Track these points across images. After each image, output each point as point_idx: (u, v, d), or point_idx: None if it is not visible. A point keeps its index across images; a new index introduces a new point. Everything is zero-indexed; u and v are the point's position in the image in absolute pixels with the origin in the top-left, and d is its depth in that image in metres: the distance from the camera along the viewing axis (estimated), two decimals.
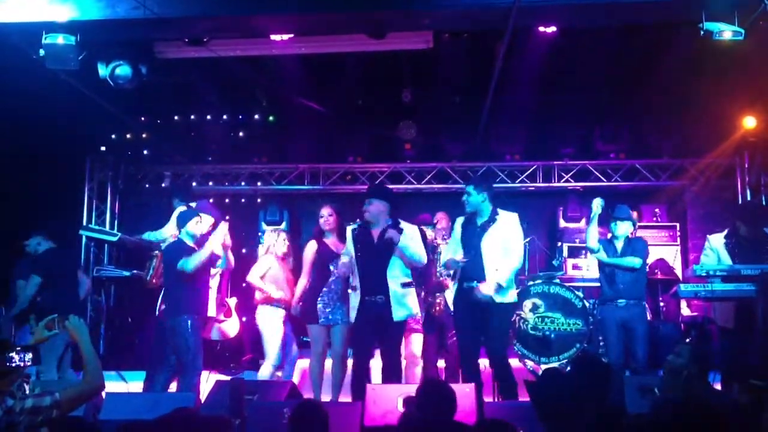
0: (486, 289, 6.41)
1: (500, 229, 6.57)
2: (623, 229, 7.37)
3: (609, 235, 7.45)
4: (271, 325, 7.75)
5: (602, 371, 4.32)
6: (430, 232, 7.56)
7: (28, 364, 4.02)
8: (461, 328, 6.69)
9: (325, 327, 7.22)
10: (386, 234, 6.49)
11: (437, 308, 7.41)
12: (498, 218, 6.60)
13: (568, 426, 3.66)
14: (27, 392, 4.15)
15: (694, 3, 6.26)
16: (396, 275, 6.60)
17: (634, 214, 8.00)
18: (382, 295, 6.54)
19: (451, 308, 6.81)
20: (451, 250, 6.72)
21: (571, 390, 3.82)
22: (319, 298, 7.28)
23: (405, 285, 6.62)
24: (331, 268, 7.23)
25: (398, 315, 6.53)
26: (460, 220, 6.75)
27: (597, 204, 7.14)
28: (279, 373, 7.87)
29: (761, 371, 5.86)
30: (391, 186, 10.68)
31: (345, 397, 6.94)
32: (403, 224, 6.69)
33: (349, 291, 6.76)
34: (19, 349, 3.99)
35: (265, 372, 7.70)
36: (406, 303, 6.59)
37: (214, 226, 7.34)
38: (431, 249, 7.39)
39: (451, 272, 6.77)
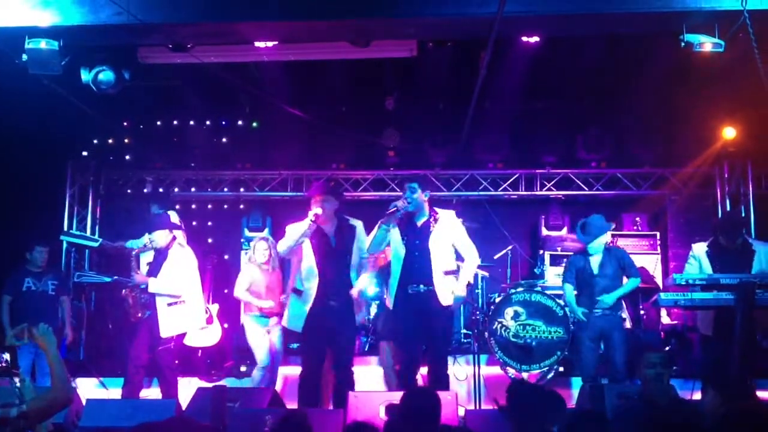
0: (460, 291, 6.45)
1: (445, 228, 6.52)
2: (600, 242, 7.42)
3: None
4: (254, 333, 7.91)
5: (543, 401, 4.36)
6: None
7: (2, 365, 3.98)
8: (406, 334, 6.57)
9: None
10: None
11: None
12: (439, 217, 6.55)
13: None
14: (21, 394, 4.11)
15: (675, 15, 6.31)
16: (353, 276, 6.67)
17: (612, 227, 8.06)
18: (338, 299, 6.54)
19: None
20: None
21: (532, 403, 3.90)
22: None
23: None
24: None
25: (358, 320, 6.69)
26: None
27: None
28: None
29: (739, 379, 5.93)
30: (374, 193, 10.77)
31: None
32: (352, 221, 6.77)
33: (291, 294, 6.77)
34: None
35: (255, 375, 7.90)
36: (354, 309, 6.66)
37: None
38: None
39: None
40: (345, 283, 6.58)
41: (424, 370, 6.88)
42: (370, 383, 7.97)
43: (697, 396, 6.79)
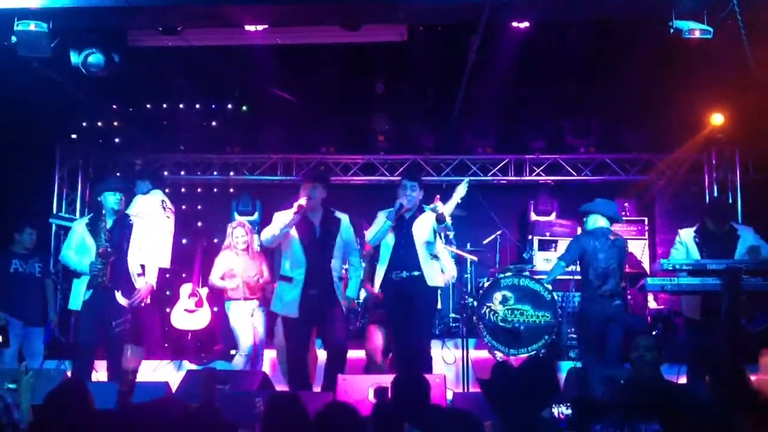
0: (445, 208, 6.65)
1: (425, 218, 6.77)
2: (589, 224, 7.43)
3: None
4: (238, 318, 7.92)
5: (551, 374, 4.43)
6: None
7: None
8: (395, 319, 6.79)
9: None
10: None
11: None
12: (424, 211, 6.82)
13: (519, 416, 3.75)
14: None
15: (664, 1, 6.33)
16: (336, 266, 6.70)
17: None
18: (322, 286, 6.57)
19: None
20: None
21: (521, 386, 3.93)
22: None
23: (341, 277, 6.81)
24: None
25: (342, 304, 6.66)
26: (384, 213, 6.85)
27: None
28: None
29: (725, 363, 6.00)
30: (363, 177, 10.78)
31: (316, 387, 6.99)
32: (339, 214, 6.80)
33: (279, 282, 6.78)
34: None
35: (237, 362, 7.88)
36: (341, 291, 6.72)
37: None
38: None
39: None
40: (327, 271, 6.63)
41: None
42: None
43: (683, 380, 6.88)
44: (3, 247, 8.19)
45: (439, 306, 8.53)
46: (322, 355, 7.21)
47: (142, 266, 7.21)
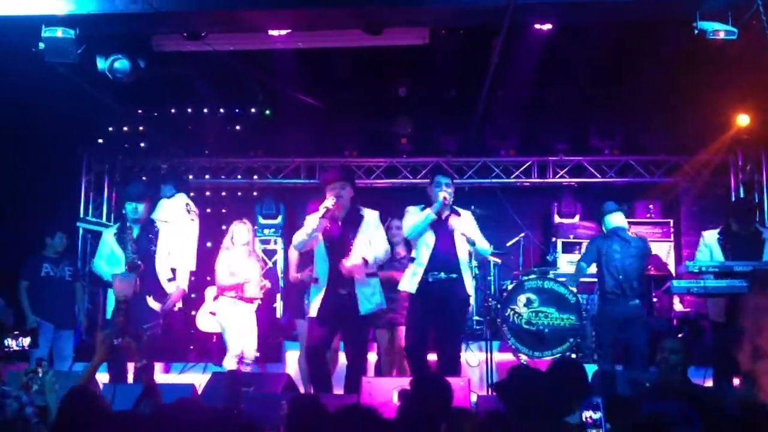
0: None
1: (463, 221, 6.74)
2: (606, 225, 7.43)
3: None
4: (229, 317, 7.85)
5: (581, 374, 4.40)
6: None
7: (26, 348, 4.01)
8: (418, 322, 6.64)
9: None
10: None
11: None
12: (461, 213, 6.80)
13: (541, 420, 3.73)
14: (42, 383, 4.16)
15: (688, 2, 6.30)
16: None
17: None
18: (346, 287, 6.43)
19: None
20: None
21: (543, 388, 3.90)
22: (305, 294, 7.32)
23: (369, 275, 6.54)
24: None
25: (365, 307, 6.45)
26: (417, 208, 6.76)
27: None
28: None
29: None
30: (387, 180, 10.79)
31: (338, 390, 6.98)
32: (365, 211, 6.65)
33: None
34: (17, 333, 3.98)
35: (228, 364, 7.74)
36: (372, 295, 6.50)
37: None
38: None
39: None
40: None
41: (432, 356, 6.92)
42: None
43: (709, 383, 6.83)
44: (34, 251, 8.29)
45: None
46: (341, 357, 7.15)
47: (173, 270, 7.24)
